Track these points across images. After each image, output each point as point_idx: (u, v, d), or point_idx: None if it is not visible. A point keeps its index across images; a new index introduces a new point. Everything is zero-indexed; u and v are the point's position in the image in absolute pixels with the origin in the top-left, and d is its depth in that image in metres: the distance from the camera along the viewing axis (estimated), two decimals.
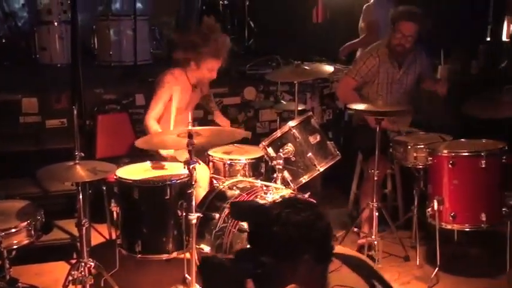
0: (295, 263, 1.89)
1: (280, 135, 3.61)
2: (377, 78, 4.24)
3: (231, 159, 3.78)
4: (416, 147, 3.83)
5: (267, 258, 1.88)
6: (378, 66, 4.21)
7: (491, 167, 3.51)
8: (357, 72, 4.24)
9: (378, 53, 4.23)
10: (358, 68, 4.24)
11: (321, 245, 1.93)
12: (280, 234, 1.89)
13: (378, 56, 4.22)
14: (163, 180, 3.41)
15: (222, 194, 3.46)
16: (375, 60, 4.22)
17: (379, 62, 4.21)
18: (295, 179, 3.60)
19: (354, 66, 4.31)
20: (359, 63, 4.28)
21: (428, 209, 3.64)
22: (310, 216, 1.92)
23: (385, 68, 4.23)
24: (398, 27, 4.11)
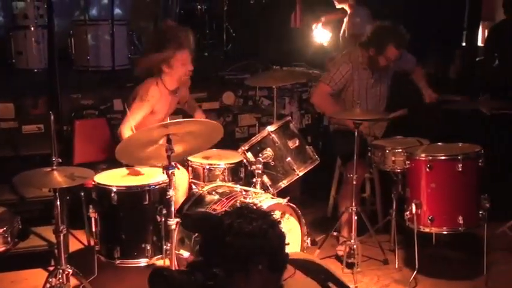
0: (248, 273, 1.87)
1: (259, 140, 3.61)
2: (352, 84, 4.26)
3: (210, 164, 3.77)
4: (395, 151, 3.86)
5: (219, 269, 1.86)
6: (351, 73, 4.23)
7: (468, 170, 3.55)
8: (331, 79, 4.25)
9: (350, 60, 4.25)
10: (332, 75, 4.25)
11: (274, 254, 1.91)
12: (232, 244, 1.87)
13: (351, 63, 4.25)
14: (142, 186, 3.39)
15: (201, 199, 3.45)
16: (348, 67, 4.24)
17: (353, 69, 4.23)
18: (274, 183, 3.61)
19: (327, 73, 4.31)
20: (333, 70, 4.29)
21: (406, 213, 3.66)
22: (262, 225, 1.90)
23: (359, 74, 4.25)
24: (386, 52, 4.10)
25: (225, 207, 3.29)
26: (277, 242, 1.92)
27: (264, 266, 1.88)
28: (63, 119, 4.41)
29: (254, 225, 1.89)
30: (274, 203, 3.29)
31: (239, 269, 1.87)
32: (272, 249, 1.90)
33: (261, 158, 3.53)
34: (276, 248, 1.92)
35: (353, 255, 3.76)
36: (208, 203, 3.39)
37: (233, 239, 1.87)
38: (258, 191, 3.43)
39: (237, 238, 1.87)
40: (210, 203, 3.39)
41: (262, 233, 1.89)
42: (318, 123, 5.58)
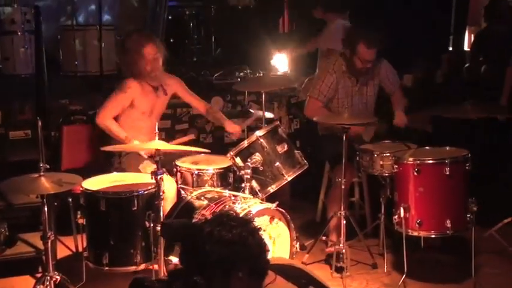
0: (229, 281, 1.87)
1: (247, 145, 3.62)
2: (337, 94, 4.27)
3: (199, 169, 3.77)
4: (383, 155, 3.88)
5: (199, 277, 1.85)
6: (336, 83, 4.23)
7: (455, 174, 3.57)
8: (319, 92, 4.24)
9: (334, 69, 4.25)
10: (319, 88, 4.25)
11: (254, 261, 1.91)
12: (212, 252, 1.87)
13: (334, 72, 4.24)
14: (131, 191, 3.38)
15: (190, 205, 3.44)
16: (333, 77, 4.24)
17: (337, 79, 4.24)
18: (263, 188, 3.61)
19: (314, 87, 4.29)
20: (318, 82, 4.28)
21: (395, 217, 3.68)
22: (242, 233, 1.90)
23: (343, 83, 4.26)
24: (358, 54, 4.09)
25: (214, 212, 3.28)
26: (257, 249, 1.93)
27: (244, 273, 1.88)
28: (51, 125, 4.38)
29: (234, 232, 1.90)
30: (263, 208, 3.29)
31: (219, 277, 1.87)
32: (252, 256, 1.91)
33: (250, 163, 3.54)
34: (256, 255, 1.92)
35: (342, 260, 3.77)
36: (197, 209, 3.38)
37: (213, 246, 1.87)
38: (246, 196, 3.43)
39: (217, 246, 1.87)
40: (199, 209, 3.38)
41: (242, 240, 1.90)
42: (307, 128, 5.59)
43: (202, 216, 3.29)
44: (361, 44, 4.05)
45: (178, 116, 5.07)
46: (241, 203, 3.28)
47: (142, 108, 3.94)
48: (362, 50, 4.07)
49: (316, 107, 4.26)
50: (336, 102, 4.29)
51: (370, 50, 4.08)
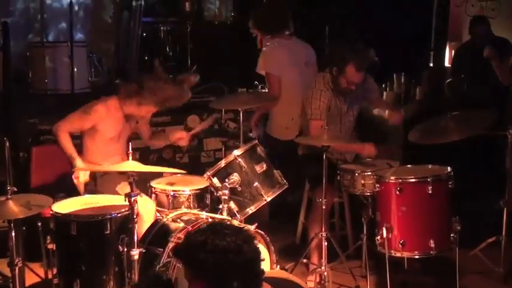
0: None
1: (225, 165, 3.60)
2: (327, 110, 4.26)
3: (175, 191, 3.74)
4: (364, 174, 3.89)
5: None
6: (330, 99, 4.22)
7: (438, 192, 3.59)
8: (320, 112, 4.16)
9: (326, 86, 4.22)
10: (318, 107, 4.17)
11: (249, 271, 1.90)
12: (206, 261, 1.86)
13: (327, 90, 4.20)
14: (103, 214, 3.33)
15: (165, 227, 3.40)
16: (328, 93, 4.18)
17: (330, 95, 4.21)
18: (241, 209, 3.59)
19: (313, 108, 4.16)
20: (316, 102, 4.18)
21: (377, 237, 3.68)
22: (236, 241, 1.90)
23: (334, 102, 4.25)
24: (347, 74, 4.07)
25: None
26: (251, 257, 1.92)
27: (239, 283, 1.87)
28: (19, 145, 4.33)
29: (228, 240, 1.89)
30: None
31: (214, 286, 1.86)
32: (247, 265, 1.90)
33: (228, 184, 3.52)
34: (250, 264, 1.92)
35: (324, 284, 3.75)
36: (172, 231, 3.35)
37: (207, 255, 1.87)
38: (224, 218, 3.41)
39: (211, 254, 1.87)
40: (174, 231, 3.34)
41: (236, 248, 1.89)
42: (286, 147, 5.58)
43: (179, 239, 3.26)
44: (350, 65, 4.04)
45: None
46: None
47: (109, 134, 3.94)
48: (351, 72, 4.06)
49: (319, 128, 4.12)
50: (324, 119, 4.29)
51: (359, 73, 4.08)
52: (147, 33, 6.79)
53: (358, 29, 5.98)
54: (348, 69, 4.06)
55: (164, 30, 6.93)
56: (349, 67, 4.05)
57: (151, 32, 6.89)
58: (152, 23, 6.94)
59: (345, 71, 4.07)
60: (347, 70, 4.07)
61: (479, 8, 6.78)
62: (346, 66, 4.06)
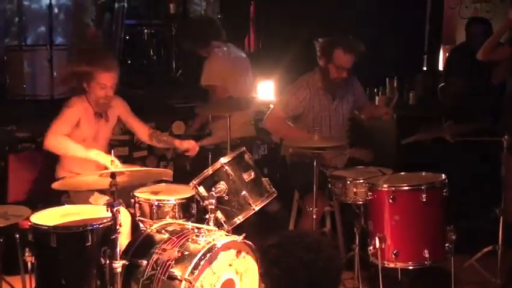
0: None
1: (211, 173, 3.60)
2: (312, 112, 4.31)
3: (159, 200, 3.73)
4: (356, 182, 3.90)
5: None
6: (309, 99, 4.27)
7: (432, 200, 3.61)
8: (286, 105, 4.28)
9: (308, 85, 4.30)
10: (287, 100, 4.29)
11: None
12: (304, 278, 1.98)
13: (308, 88, 4.29)
14: (84, 225, 3.32)
15: (149, 239, 3.40)
16: (306, 92, 4.28)
17: (311, 95, 4.27)
18: (229, 219, 3.59)
19: (282, 98, 4.35)
20: (288, 95, 4.32)
21: (370, 247, 3.69)
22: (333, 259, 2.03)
23: (319, 100, 4.30)
24: (336, 60, 4.15)
25: (176, 246, 3.26)
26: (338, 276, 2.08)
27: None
28: None
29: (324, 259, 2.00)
30: (229, 241, 3.27)
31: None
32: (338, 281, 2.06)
33: (214, 193, 3.52)
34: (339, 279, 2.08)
35: None
36: (157, 243, 3.35)
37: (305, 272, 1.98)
38: (211, 228, 3.40)
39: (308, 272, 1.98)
40: (159, 243, 3.34)
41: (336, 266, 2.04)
42: (275, 154, 5.60)
43: (163, 251, 3.26)
44: (338, 49, 4.13)
45: (136, 142, 5.03)
46: (205, 236, 3.26)
47: (85, 133, 3.93)
48: (339, 56, 4.13)
49: (278, 119, 4.27)
50: (310, 121, 4.32)
51: (348, 56, 4.14)
52: (130, 36, 6.78)
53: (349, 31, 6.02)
54: (336, 54, 4.13)
55: (148, 33, 6.93)
56: (336, 51, 4.13)
57: (135, 35, 6.88)
58: (135, 25, 6.94)
59: (333, 56, 4.14)
60: (335, 55, 4.13)
61: (473, 10, 6.84)
62: (334, 51, 4.13)
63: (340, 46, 4.13)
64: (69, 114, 3.87)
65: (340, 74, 4.18)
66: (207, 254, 3.14)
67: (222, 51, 5.01)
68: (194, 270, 3.08)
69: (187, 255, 3.17)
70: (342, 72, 4.17)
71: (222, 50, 5.01)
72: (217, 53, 5.00)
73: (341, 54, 4.13)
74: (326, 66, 4.21)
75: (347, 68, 4.16)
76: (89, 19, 7.01)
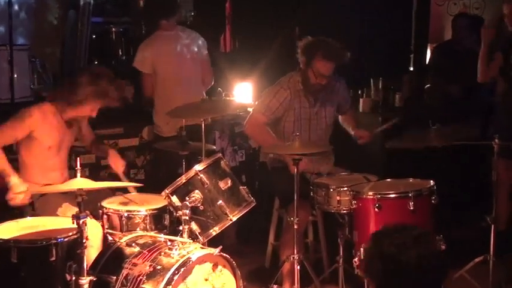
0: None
1: (185, 181, 3.60)
2: (292, 115, 4.32)
3: (129, 211, 3.72)
4: (339, 189, 3.91)
5: None
6: (290, 100, 4.29)
7: (420, 208, 3.64)
8: (267, 108, 4.30)
9: (288, 85, 4.32)
10: (268, 103, 4.30)
11: None
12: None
13: (289, 89, 4.31)
14: (48, 239, 3.28)
15: (119, 253, 3.38)
16: (286, 93, 4.30)
17: (291, 96, 4.29)
18: (204, 231, 3.59)
19: (262, 101, 4.37)
20: (268, 97, 4.33)
21: (355, 259, 3.71)
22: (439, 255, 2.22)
23: (299, 103, 4.32)
24: (315, 66, 4.16)
25: (147, 260, 3.25)
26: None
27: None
28: None
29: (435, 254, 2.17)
30: (205, 254, 3.27)
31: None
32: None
33: (188, 202, 3.51)
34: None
35: None
36: (127, 257, 3.33)
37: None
38: (185, 241, 3.40)
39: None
40: (129, 257, 3.33)
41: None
42: (253, 160, 5.61)
43: (134, 265, 3.25)
44: (318, 54, 4.13)
45: None
46: (179, 249, 3.25)
47: (47, 142, 3.90)
48: (318, 62, 4.15)
49: (259, 123, 4.30)
50: (290, 125, 4.33)
51: (327, 63, 4.15)
52: (96, 35, 6.74)
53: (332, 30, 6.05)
54: (316, 60, 4.15)
55: (116, 32, 6.89)
56: (316, 57, 4.14)
57: (102, 34, 6.84)
58: (102, 23, 6.90)
59: (313, 62, 4.16)
60: (315, 61, 4.15)
61: (462, 6, 6.93)
62: (314, 57, 4.14)
63: (320, 53, 4.13)
64: (16, 127, 3.82)
65: (320, 80, 4.20)
66: (181, 269, 3.13)
67: (167, 36, 5.08)
68: (167, 286, 3.07)
69: (159, 270, 3.16)
70: (321, 79, 4.19)
71: (168, 35, 5.09)
72: (159, 36, 5.10)
73: (321, 62, 4.15)
74: (306, 70, 4.23)
75: (326, 75, 4.19)
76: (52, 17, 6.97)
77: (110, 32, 6.83)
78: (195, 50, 5.20)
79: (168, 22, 5.09)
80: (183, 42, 5.15)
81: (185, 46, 5.14)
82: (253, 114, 4.39)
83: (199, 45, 5.23)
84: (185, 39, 5.17)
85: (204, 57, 5.25)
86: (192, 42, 5.20)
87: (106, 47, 6.78)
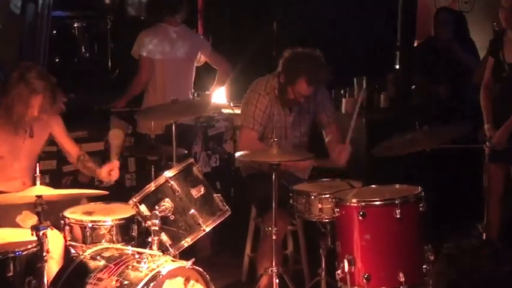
0: None
1: (155, 189, 3.59)
2: (271, 121, 4.33)
3: (94, 221, 3.70)
4: (321, 197, 3.93)
5: None
6: (270, 107, 4.32)
7: (408, 216, 3.66)
8: (254, 120, 4.29)
9: (266, 91, 4.34)
10: (252, 114, 4.30)
11: None
12: None
13: (267, 95, 4.33)
14: (4, 252, 3.25)
15: (82, 267, 3.38)
16: (266, 100, 4.32)
17: (270, 101, 4.32)
18: (175, 242, 3.58)
19: (247, 114, 4.33)
20: (251, 108, 4.32)
21: (338, 271, 3.72)
22: None
23: (278, 110, 4.35)
24: (296, 87, 4.21)
25: (114, 274, 3.24)
26: None
27: None
28: None
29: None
30: (176, 268, 3.27)
31: None
32: None
33: (158, 211, 3.51)
34: None
35: None
36: (91, 271, 3.32)
37: None
38: (155, 253, 3.40)
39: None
40: (94, 271, 3.32)
41: None
42: (228, 166, 5.62)
43: (99, 280, 3.24)
44: (302, 79, 4.19)
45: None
46: (148, 262, 3.24)
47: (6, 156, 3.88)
48: (301, 85, 4.20)
49: (251, 139, 4.28)
50: (266, 132, 4.34)
51: (310, 88, 4.22)
52: (57, 31, 6.70)
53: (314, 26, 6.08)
54: (298, 82, 4.21)
55: (79, 27, 6.87)
56: (299, 80, 4.19)
57: (63, 29, 6.81)
58: (64, 18, 6.87)
59: (296, 82, 4.21)
60: (297, 82, 4.21)
61: (451, 1, 6.99)
62: (297, 79, 4.20)
63: (304, 78, 4.18)
64: None
65: (299, 99, 4.25)
66: (150, 283, 3.12)
67: (171, 30, 5.39)
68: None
69: (127, 285, 3.15)
70: (300, 97, 4.24)
71: (171, 30, 5.39)
72: (162, 28, 5.40)
73: (303, 86, 4.20)
74: (285, 84, 4.26)
75: (306, 96, 4.23)
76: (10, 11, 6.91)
77: (72, 28, 6.81)
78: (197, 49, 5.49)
79: (173, 18, 5.39)
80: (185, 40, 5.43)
81: (185, 44, 5.41)
82: (243, 130, 4.36)
83: (201, 46, 5.57)
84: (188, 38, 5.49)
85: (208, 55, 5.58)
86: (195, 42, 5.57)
87: (68, 44, 6.75)
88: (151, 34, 5.37)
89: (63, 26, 6.81)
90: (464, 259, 3.64)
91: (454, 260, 3.65)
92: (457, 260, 3.65)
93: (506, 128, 4.40)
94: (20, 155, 3.96)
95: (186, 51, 5.39)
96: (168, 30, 5.38)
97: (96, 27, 6.91)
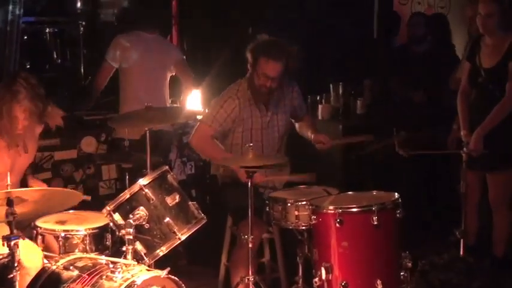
0: None
1: (129, 197, 3.59)
2: (241, 125, 4.36)
3: (66, 231, 3.69)
4: (298, 204, 3.94)
5: None
6: (239, 110, 4.34)
7: (385, 223, 3.69)
8: (214, 119, 4.33)
9: (237, 95, 4.36)
10: (215, 114, 4.34)
11: None
12: None
13: (238, 98, 4.35)
14: None
15: (55, 277, 3.35)
16: (235, 103, 4.34)
17: (240, 106, 4.34)
18: (150, 251, 3.58)
19: (210, 112, 4.40)
20: (216, 107, 4.37)
21: (315, 279, 3.74)
22: None
23: (249, 112, 4.36)
24: (260, 67, 4.23)
25: (87, 285, 3.22)
26: None
27: None
28: None
29: None
30: (151, 277, 3.26)
31: None
32: None
33: (132, 220, 3.50)
34: None
35: None
36: (64, 282, 3.31)
37: None
38: (129, 263, 3.38)
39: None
40: (67, 281, 3.30)
41: None
42: (204, 173, 5.61)
43: None
44: (262, 56, 4.22)
45: (39, 163, 4.95)
46: (123, 272, 3.23)
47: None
48: (262, 63, 4.22)
49: (205, 136, 4.32)
50: (239, 136, 4.36)
51: (272, 63, 4.21)
52: (28, 36, 6.66)
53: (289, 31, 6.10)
54: (260, 62, 4.23)
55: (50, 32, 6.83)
56: (261, 59, 4.22)
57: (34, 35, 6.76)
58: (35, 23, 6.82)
59: (257, 64, 4.23)
60: (259, 62, 4.23)
61: (427, 6, 7.08)
62: (258, 58, 4.22)
63: (264, 53, 4.21)
64: None
65: (264, 82, 4.25)
66: None
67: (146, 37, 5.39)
68: None
69: None
70: (266, 80, 4.24)
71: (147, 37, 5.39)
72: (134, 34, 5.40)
73: (264, 62, 4.22)
74: (252, 73, 4.30)
75: (272, 76, 4.24)
76: None
77: (43, 33, 6.76)
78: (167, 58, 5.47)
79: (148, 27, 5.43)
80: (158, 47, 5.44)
81: (159, 52, 5.40)
82: (199, 126, 4.41)
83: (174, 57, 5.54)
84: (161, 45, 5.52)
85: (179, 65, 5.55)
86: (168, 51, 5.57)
87: (39, 50, 6.70)
88: (126, 40, 5.35)
89: (35, 32, 6.77)
90: (436, 274, 3.68)
91: (426, 276, 3.69)
92: (429, 275, 3.69)
93: (478, 134, 4.42)
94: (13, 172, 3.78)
95: (159, 59, 5.38)
96: (142, 37, 5.37)
97: (68, 33, 6.87)
